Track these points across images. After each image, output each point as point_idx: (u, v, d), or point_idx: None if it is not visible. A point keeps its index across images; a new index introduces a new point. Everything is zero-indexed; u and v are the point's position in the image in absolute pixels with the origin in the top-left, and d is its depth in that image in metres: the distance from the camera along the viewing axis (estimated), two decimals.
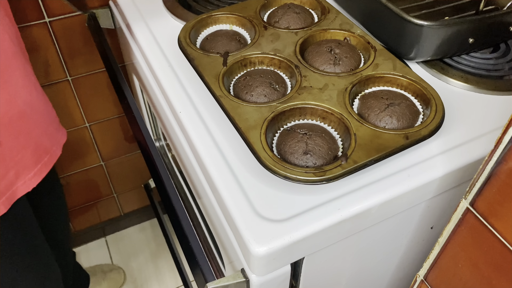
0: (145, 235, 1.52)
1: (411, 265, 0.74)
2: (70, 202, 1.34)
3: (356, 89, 0.60)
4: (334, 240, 0.53)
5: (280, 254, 0.48)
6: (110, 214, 1.47)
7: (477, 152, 0.56)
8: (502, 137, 0.34)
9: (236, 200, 0.51)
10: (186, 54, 0.65)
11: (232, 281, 0.52)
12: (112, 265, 1.44)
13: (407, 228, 0.63)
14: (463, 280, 0.43)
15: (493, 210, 0.36)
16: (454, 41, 0.65)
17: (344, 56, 0.63)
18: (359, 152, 0.51)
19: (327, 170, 0.49)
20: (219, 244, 0.66)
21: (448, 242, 0.43)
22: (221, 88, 0.59)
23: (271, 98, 0.59)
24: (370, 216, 0.53)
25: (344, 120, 0.55)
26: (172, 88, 0.66)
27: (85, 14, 0.96)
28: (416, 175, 0.53)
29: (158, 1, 0.84)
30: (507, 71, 0.68)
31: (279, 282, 0.53)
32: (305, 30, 0.68)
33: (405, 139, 0.53)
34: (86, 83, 1.09)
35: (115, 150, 1.29)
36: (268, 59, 0.64)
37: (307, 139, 0.53)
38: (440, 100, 0.57)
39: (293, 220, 0.49)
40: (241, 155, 0.56)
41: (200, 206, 0.74)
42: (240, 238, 0.50)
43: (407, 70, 0.61)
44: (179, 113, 0.62)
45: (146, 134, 0.72)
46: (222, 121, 0.59)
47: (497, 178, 0.35)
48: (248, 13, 0.72)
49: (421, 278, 0.48)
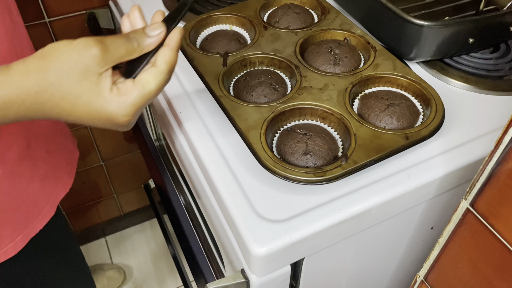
0: (145, 235, 1.52)
1: (411, 265, 0.74)
2: (70, 202, 1.34)
3: (356, 89, 0.60)
4: (334, 240, 0.53)
5: (280, 254, 0.48)
6: (110, 214, 1.47)
7: (477, 152, 0.56)
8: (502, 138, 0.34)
9: (236, 200, 0.51)
10: (186, 54, 0.65)
11: (232, 281, 0.52)
12: (112, 265, 1.44)
13: (407, 228, 0.63)
14: (463, 280, 0.43)
15: (493, 210, 0.36)
16: (454, 41, 0.65)
17: (344, 56, 0.63)
18: (359, 152, 0.51)
19: (327, 171, 0.49)
20: (219, 244, 0.66)
21: (448, 242, 0.43)
22: (221, 88, 0.59)
23: (271, 98, 0.59)
24: (370, 217, 0.53)
25: (344, 120, 0.55)
26: (172, 88, 0.66)
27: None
28: (416, 176, 0.53)
29: (158, 1, 0.84)
30: (507, 71, 0.68)
31: (279, 282, 0.53)
32: (305, 30, 0.68)
33: (405, 139, 0.53)
34: None
35: (115, 150, 1.29)
36: (268, 59, 0.64)
37: (307, 140, 0.53)
38: (440, 100, 0.57)
39: (293, 220, 0.49)
40: (241, 156, 0.56)
41: (200, 206, 0.74)
42: (240, 238, 0.49)
43: (407, 70, 0.61)
44: (179, 113, 0.62)
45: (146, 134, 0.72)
46: (222, 121, 0.59)
47: (497, 178, 0.35)
48: (248, 13, 0.72)
49: (421, 278, 0.48)
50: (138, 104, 0.38)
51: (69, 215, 1.37)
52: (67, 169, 0.75)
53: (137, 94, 0.38)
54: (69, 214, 1.37)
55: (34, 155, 0.63)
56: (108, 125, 0.39)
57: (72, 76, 0.36)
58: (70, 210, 1.36)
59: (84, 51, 0.36)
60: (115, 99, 0.37)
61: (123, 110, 0.37)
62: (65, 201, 1.31)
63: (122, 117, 0.37)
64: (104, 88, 0.36)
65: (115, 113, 0.37)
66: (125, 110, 0.37)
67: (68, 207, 1.35)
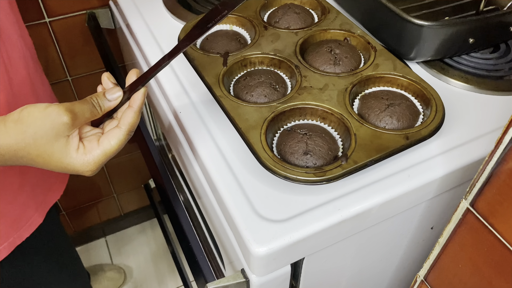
0: (145, 235, 1.52)
1: (411, 265, 0.74)
2: (70, 202, 1.34)
3: (356, 89, 0.60)
4: (334, 240, 0.53)
5: (280, 254, 0.48)
6: (110, 214, 1.47)
7: (477, 152, 0.56)
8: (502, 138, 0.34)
9: (236, 200, 0.51)
10: (186, 54, 0.65)
11: (232, 281, 0.52)
12: (112, 265, 1.44)
13: (407, 228, 0.63)
14: (463, 280, 0.43)
15: (493, 210, 0.36)
16: (454, 41, 0.65)
17: (344, 56, 0.63)
18: (359, 152, 0.51)
19: (327, 171, 0.49)
20: (219, 244, 0.66)
21: (449, 242, 0.43)
22: (221, 88, 0.59)
23: (271, 98, 0.59)
24: (370, 217, 0.53)
25: (344, 120, 0.55)
26: (171, 88, 0.66)
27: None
28: (416, 176, 0.53)
29: (158, 1, 0.84)
30: (507, 71, 0.68)
31: (279, 282, 0.53)
32: (305, 30, 0.68)
33: (405, 139, 0.53)
34: (86, 83, 1.09)
35: None
36: (268, 59, 0.64)
37: (307, 139, 0.53)
38: (440, 100, 0.57)
39: (293, 220, 0.49)
40: (241, 155, 0.56)
41: (200, 206, 0.74)
42: (240, 238, 0.49)
43: (407, 70, 0.61)
44: (179, 113, 0.62)
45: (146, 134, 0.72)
46: (222, 121, 0.59)
47: (497, 178, 0.35)
48: (248, 13, 0.72)
49: (421, 278, 0.48)
50: (100, 161, 0.45)
51: (69, 215, 1.37)
52: (59, 177, 0.75)
53: (100, 153, 0.45)
54: (69, 214, 1.37)
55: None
56: (75, 174, 0.46)
57: (46, 138, 0.43)
58: (70, 210, 1.36)
59: (57, 119, 0.42)
60: (80, 157, 0.44)
61: (87, 167, 0.45)
62: (65, 201, 1.32)
63: (86, 172, 0.45)
64: (71, 149, 0.44)
65: (80, 169, 0.45)
66: (88, 166, 0.45)
67: (68, 207, 1.34)
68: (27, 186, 0.66)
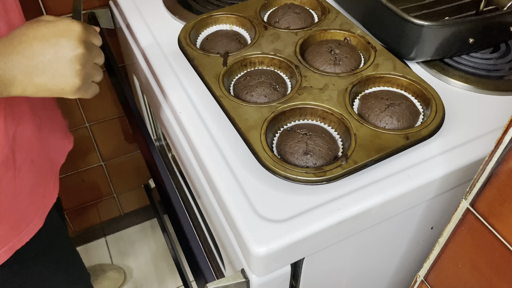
0: (145, 235, 1.52)
1: (411, 265, 0.74)
2: (71, 202, 1.34)
3: (356, 89, 0.60)
4: (334, 240, 0.53)
5: (280, 254, 0.48)
6: (110, 214, 1.47)
7: (477, 152, 0.56)
8: (502, 138, 0.34)
9: (236, 200, 0.51)
10: (186, 54, 0.65)
11: (232, 281, 0.52)
12: (112, 265, 1.44)
13: (407, 228, 0.63)
14: (463, 280, 0.43)
15: (493, 210, 0.36)
16: (454, 41, 0.65)
17: (344, 56, 0.63)
18: (359, 152, 0.51)
19: (327, 171, 0.49)
20: (219, 244, 0.66)
21: (449, 242, 0.43)
22: (221, 88, 0.59)
23: (271, 98, 0.59)
24: (370, 217, 0.53)
25: (344, 120, 0.55)
26: (172, 88, 0.66)
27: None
28: (416, 176, 0.53)
29: (158, 1, 0.84)
30: (507, 71, 0.68)
31: (279, 282, 0.53)
32: (305, 30, 0.68)
33: (405, 139, 0.53)
34: None
35: (115, 150, 1.29)
36: (268, 59, 0.64)
37: (307, 139, 0.53)
38: (440, 100, 0.57)
39: (293, 220, 0.49)
40: (241, 155, 0.56)
41: (200, 206, 0.74)
42: (240, 238, 0.50)
43: (407, 70, 0.61)
44: (179, 113, 0.62)
45: (146, 134, 0.72)
46: (222, 121, 0.59)
47: (497, 178, 0.35)
48: (248, 13, 0.72)
49: (421, 278, 0.48)
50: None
51: (69, 215, 1.37)
52: (51, 179, 0.75)
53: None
54: (69, 214, 1.37)
55: (20, 168, 0.63)
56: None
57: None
58: (70, 210, 1.36)
59: None
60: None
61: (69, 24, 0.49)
62: (65, 201, 1.32)
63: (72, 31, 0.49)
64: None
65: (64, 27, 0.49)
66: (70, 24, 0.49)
67: (68, 207, 1.34)
68: (25, 189, 0.66)
